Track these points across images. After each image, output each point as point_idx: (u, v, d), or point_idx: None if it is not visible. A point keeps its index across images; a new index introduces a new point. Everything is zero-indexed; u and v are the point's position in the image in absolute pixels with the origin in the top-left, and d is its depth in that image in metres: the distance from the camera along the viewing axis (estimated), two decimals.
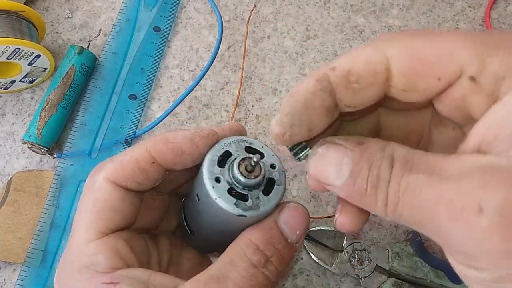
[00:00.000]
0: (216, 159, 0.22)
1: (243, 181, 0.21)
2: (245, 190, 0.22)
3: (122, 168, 0.23)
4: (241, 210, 0.21)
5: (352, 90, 0.18)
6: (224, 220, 0.22)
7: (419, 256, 0.33)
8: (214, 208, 0.22)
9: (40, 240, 0.36)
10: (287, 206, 0.22)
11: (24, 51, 0.36)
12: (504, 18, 0.44)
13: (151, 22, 0.43)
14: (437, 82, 0.17)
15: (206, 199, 0.22)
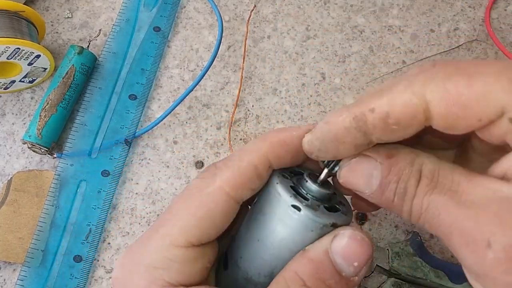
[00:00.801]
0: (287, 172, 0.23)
1: (309, 185, 0.21)
2: (308, 195, 0.21)
3: (240, 176, 0.21)
4: (297, 201, 0.20)
5: (390, 131, 0.19)
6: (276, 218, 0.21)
7: (419, 256, 0.33)
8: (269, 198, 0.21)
9: (40, 240, 0.36)
10: (342, 233, 0.20)
11: (24, 51, 0.36)
12: (504, 18, 0.44)
13: (151, 22, 0.43)
14: (477, 123, 0.18)
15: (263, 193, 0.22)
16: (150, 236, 0.21)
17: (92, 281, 0.36)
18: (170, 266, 0.20)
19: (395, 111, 0.18)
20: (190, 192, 0.21)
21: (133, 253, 0.21)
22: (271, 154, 0.21)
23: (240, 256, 0.22)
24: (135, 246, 0.22)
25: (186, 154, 0.39)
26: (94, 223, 0.37)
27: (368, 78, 0.42)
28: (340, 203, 0.23)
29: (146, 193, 0.38)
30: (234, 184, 0.21)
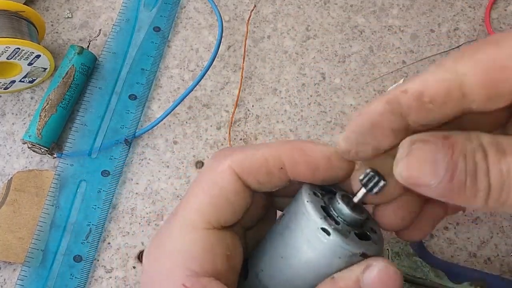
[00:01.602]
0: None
1: (341, 208, 0.20)
2: (339, 218, 0.20)
3: (250, 162, 0.21)
4: (327, 224, 0.19)
5: (426, 111, 0.18)
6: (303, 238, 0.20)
7: (419, 256, 0.33)
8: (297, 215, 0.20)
9: (40, 240, 0.36)
10: (374, 265, 0.19)
11: (24, 51, 0.36)
12: (504, 18, 0.44)
13: (151, 22, 0.43)
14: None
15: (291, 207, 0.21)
16: (170, 220, 0.21)
17: (92, 281, 0.36)
18: (191, 250, 0.20)
19: (428, 89, 0.17)
20: (203, 173, 0.22)
21: (158, 239, 0.22)
22: (286, 156, 0.21)
23: (261, 269, 0.22)
24: (159, 233, 0.22)
25: (186, 154, 0.39)
26: (94, 223, 0.37)
27: (368, 78, 0.42)
28: (372, 230, 0.22)
29: (146, 193, 0.38)
30: (242, 168, 0.21)
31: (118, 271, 0.36)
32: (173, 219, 0.21)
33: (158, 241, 0.22)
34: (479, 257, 0.36)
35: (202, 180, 0.21)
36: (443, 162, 0.17)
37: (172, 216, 0.22)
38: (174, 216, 0.22)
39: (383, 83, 0.41)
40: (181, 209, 0.21)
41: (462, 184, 0.17)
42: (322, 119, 0.40)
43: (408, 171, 0.17)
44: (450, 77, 0.17)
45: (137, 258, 0.36)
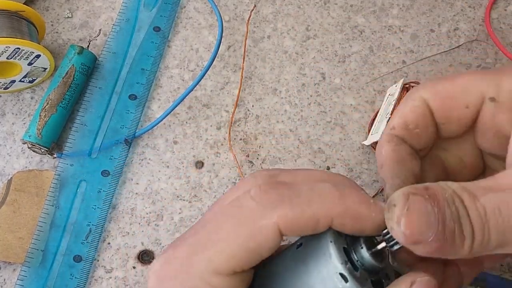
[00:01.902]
0: None
1: (363, 253, 0.19)
2: (358, 262, 0.20)
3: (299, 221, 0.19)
4: (346, 271, 0.19)
5: (416, 135, 0.22)
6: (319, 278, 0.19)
7: None
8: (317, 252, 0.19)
9: (40, 240, 0.36)
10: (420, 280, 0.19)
11: (24, 51, 0.36)
12: (504, 18, 0.44)
13: (151, 22, 0.43)
14: (466, 110, 0.21)
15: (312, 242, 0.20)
16: (192, 256, 0.20)
17: (92, 281, 0.36)
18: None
19: (408, 118, 0.22)
20: (243, 217, 0.19)
21: (173, 270, 0.21)
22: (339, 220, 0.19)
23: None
24: (173, 262, 0.21)
25: (186, 154, 0.39)
26: (94, 223, 0.37)
27: (368, 78, 0.42)
28: (386, 276, 0.21)
29: (146, 193, 0.38)
30: (289, 226, 0.19)
31: (118, 271, 0.36)
32: (195, 255, 0.20)
33: (172, 271, 0.21)
34: None
35: (240, 227, 0.19)
36: (433, 213, 0.17)
37: (192, 247, 0.20)
38: (196, 252, 0.20)
39: (383, 83, 0.41)
40: (206, 247, 0.20)
41: (452, 232, 0.17)
42: (322, 119, 0.40)
43: (410, 228, 0.18)
44: (418, 104, 0.22)
45: (137, 258, 0.36)
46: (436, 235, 0.17)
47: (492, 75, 0.21)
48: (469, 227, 0.17)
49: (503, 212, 0.17)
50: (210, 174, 0.39)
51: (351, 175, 0.38)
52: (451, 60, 0.42)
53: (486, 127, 0.22)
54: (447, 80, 0.22)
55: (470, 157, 0.24)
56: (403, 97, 0.36)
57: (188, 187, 0.38)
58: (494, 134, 0.21)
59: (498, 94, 0.20)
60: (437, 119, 0.22)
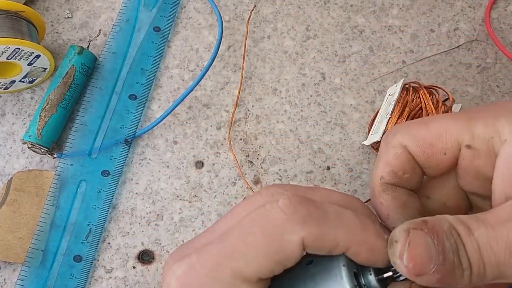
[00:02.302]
0: None
1: (371, 279, 0.21)
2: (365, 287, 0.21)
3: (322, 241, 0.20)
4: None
5: (407, 180, 0.23)
6: None
7: None
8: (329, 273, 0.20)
9: (40, 240, 0.36)
10: None
11: (24, 51, 0.36)
12: (504, 18, 0.44)
13: (151, 22, 0.43)
14: (444, 157, 0.22)
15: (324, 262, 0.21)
16: (220, 265, 0.20)
17: (92, 281, 0.36)
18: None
19: (395, 166, 0.23)
20: (272, 230, 0.20)
21: (198, 277, 0.21)
22: (355, 248, 0.20)
23: None
24: (199, 269, 0.21)
25: (186, 154, 0.39)
26: (94, 223, 0.37)
27: (368, 78, 0.42)
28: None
29: (146, 193, 0.38)
30: (312, 243, 0.20)
31: (118, 271, 0.36)
32: (222, 264, 0.20)
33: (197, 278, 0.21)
34: None
35: (268, 239, 0.20)
36: (434, 246, 0.18)
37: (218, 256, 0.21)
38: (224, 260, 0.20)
39: (383, 83, 0.41)
40: (233, 257, 0.20)
41: (452, 263, 0.18)
42: (322, 119, 0.40)
43: (413, 261, 0.19)
44: (400, 151, 0.23)
45: (137, 258, 0.36)
46: (437, 266, 0.18)
47: (464, 121, 0.21)
48: (466, 260, 0.18)
49: (494, 248, 0.18)
50: (210, 174, 0.39)
51: (351, 175, 0.38)
52: (451, 60, 0.42)
53: (466, 171, 0.22)
54: (421, 125, 0.22)
55: (454, 200, 0.24)
56: (403, 97, 0.36)
57: (188, 187, 0.38)
58: (475, 177, 0.22)
59: (473, 141, 0.21)
60: (420, 163, 0.23)
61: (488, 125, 0.20)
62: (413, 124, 0.23)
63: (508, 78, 0.42)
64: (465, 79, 0.41)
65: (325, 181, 0.38)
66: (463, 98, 0.41)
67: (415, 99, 0.35)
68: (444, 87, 0.38)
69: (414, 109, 0.35)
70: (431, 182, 0.25)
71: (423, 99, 0.35)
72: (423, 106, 0.35)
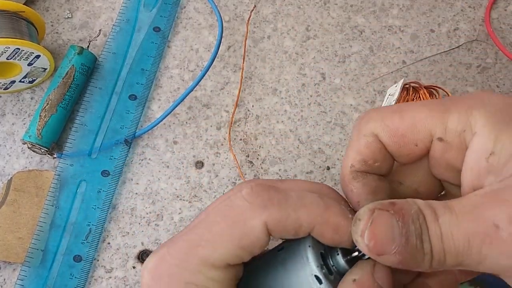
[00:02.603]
0: None
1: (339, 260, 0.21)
2: (334, 268, 0.21)
3: (285, 224, 0.21)
4: (321, 273, 0.21)
5: (377, 168, 0.23)
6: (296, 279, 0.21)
7: None
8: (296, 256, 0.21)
9: (40, 240, 0.36)
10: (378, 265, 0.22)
11: (24, 51, 0.36)
12: (504, 18, 0.44)
13: (151, 22, 0.43)
14: (416, 148, 0.22)
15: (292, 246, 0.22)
16: (188, 253, 0.21)
17: (92, 281, 0.36)
18: (211, 285, 0.21)
19: (365, 154, 0.22)
20: (235, 217, 0.21)
21: (168, 267, 0.21)
22: (319, 229, 0.21)
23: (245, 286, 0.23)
24: (169, 259, 0.21)
25: (186, 154, 0.39)
26: (94, 223, 0.37)
27: (368, 78, 0.42)
28: None
29: (146, 193, 0.38)
30: (276, 228, 0.21)
31: (117, 271, 0.36)
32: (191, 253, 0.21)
33: (169, 268, 0.21)
34: None
35: (233, 226, 0.21)
36: (397, 227, 0.19)
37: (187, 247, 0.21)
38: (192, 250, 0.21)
39: (383, 83, 0.41)
40: (200, 245, 0.21)
41: (414, 247, 0.18)
42: (322, 119, 0.40)
43: (374, 240, 0.19)
44: (371, 140, 0.22)
45: (137, 258, 0.36)
46: (398, 248, 0.18)
47: (439, 113, 0.21)
48: (428, 245, 0.18)
49: (454, 237, 0.18)
50: (210, 174, 0.39)
51: None
52: (451, 60, 0.42)
53: (437, 162, 0.22)
54: (395, 113, 0.22)
55: (426, 186, 0.24)
56: (403, 97, 0.36)
57: (188, 187, 0.38)
58: (446, 168, 0.22)
59: (445, 134, 0.21)
60: (390, 152, 0.23)
61: (461, 118, 0.20)
62: (386, 112, 0.22)
63: (508, 78, 0.42)
64: (465, 79, 0.41)
65: (325, 181, 0.38)
66: None
67: (415, 99, 0.35)
68: (444, 87, 0.38)
69: None
70: (403, 168, 0.24)
71: (423, 99, 0.35)
72: None
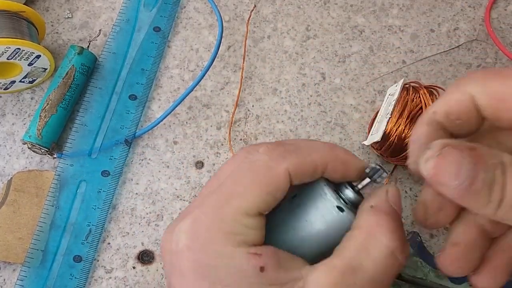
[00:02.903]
0: None
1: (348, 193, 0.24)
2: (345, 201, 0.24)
3: (303, 167, 0.23)
4: (342, 203, 0.24)
5: (457, 126, 0.23)
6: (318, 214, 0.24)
7: (419, 256, 0.33)
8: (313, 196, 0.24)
9: (40, 240, 0.36)
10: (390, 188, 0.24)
11: (24, 51, 0.36)
12: (504, 18, 0.44)
13: (151, 22, 0.43)
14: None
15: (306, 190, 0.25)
16: (222, 206, 0.23)
17: (92, 281, 0.36)
18: (247, 232, 0.22)
19: (451, 109, 0.22)
20: (259, 169, 0.23)
21: (204, 224, 0.23)
22: (331, 166, 0.23)
23: (269, 238, 0.25)
24: (203, 217, 0.23)
25: (186, 154, 0.39)
26: (94, 223, 0.37)
27: (368, 78, 0.42)
28: None
29: (146, 193, 0.38)
30: (296, 172, 0.23)
31: (118, 271, 0.36)
32: (224, 205, 0.23)
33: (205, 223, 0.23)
34: None
35: (258, 176, 0.23)
36: (466, 170, 0.19)
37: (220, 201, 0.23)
38: (225, 203, 0.23)
39: (383, 83, 0.41)
40: (233, 197, 0.23)
41: (478, 192, 0.19)
42: (322, 119, 0.40)
43: (436, 169, 0.20)
44: (465, 99, 0.22)
45: (137, 258, 0.36)
46: (460, 186, 0.19)
47: None
48: (499, 195, 0.19)
49: None
50: (210, 175, 0.39)
51: None
52: (451, 60, 0.42)
53: None
54: (497, 76, 0.22)
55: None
56: (403, 97, 0.36)
57: (188, 187, 0.38)
58: None
59: None
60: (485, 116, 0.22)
61: None
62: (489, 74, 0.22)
63: None
64: None
65: None
66: None
67: (415, 99, 0.35)
68: (444, 87, 0.38)
69: (414, 109, 0.35)
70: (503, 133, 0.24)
71: (423, 99, 0.35)
72: (423, 106, 0.35)
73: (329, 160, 0.23)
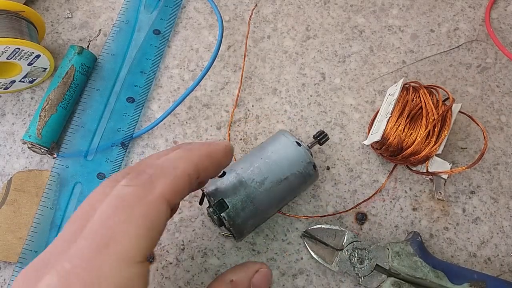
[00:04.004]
0: None
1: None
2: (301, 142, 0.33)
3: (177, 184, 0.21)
4: (299, 141, 0.33)
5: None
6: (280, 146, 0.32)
7: (419, 256, 0.33)
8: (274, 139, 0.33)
9: (34, 241, 0.36)
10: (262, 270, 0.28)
11: (24, 51, 0.36)
12: (504, 18, 0.44)
13: (151, 24, 0.43)
14: None
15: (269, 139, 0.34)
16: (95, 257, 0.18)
17: None
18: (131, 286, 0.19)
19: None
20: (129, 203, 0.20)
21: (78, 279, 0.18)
22: (201, 165, 0.22)
23: (241, 167, 0.32)
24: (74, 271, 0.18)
25: None
26: None
27: (368, 78, 0.42)
28: None
29: None
30: (172, 193, 0.20)
31: None
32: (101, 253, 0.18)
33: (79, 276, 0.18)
34: (479, 257, 0.36)
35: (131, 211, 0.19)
36: None
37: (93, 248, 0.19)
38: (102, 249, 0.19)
39: (383, 83, 0.41)
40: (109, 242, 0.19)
41: None
42: (322, 119, 0.40)
43: None
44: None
45: None
46: None
47: None
48: None
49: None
50: None
51: (351, 175, 0.38)
52: (451, 60, 0.42)
53: None
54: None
55: None
56: (403, 97, 0.36)
57: None
58: None
59: None
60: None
61: None
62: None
63: (508, 78, 0.42)
64: (465, 79, 0.41)
65: (325, 181, 0.38)
66: (463, 98, 0.41)
67: (415, 99, 0.35)
68: (444, 87, 0.38)
69: (414, 109, 0.35)
70: None
71: (423, 99, 0.35)
72: (423, 106, 0.35)
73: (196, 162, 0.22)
